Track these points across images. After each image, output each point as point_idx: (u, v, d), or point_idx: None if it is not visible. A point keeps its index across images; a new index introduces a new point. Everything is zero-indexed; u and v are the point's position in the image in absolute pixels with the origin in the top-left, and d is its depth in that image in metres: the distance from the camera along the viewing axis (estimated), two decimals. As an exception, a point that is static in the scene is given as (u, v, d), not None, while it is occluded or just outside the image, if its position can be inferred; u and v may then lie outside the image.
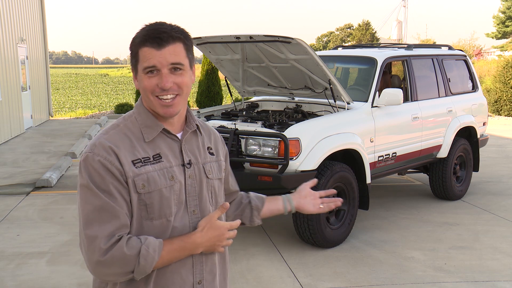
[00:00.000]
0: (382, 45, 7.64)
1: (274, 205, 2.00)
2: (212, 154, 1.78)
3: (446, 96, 6.91)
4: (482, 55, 43.86)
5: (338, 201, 2.08)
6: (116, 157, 1.57)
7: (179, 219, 1.64)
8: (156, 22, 1.62)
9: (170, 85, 1.58)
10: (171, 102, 1.60)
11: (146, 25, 1.62)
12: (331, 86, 5.44)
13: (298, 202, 2.01)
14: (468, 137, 7.37)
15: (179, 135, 1.69)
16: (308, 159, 4.93)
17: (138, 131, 1.64)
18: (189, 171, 1.68)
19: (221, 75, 15.86)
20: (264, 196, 2.02)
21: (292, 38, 5.06)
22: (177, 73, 1.60)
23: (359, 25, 72.39)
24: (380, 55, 6.09)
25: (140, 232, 1.60)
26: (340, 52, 6.95)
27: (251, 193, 2.03)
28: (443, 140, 6.75)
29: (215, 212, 1.64)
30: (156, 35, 1.57)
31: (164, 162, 1.63)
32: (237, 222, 1.69)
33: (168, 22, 1.63)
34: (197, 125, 1.74)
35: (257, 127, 5.22)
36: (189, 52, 1.64)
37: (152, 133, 1.64)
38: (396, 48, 6.92)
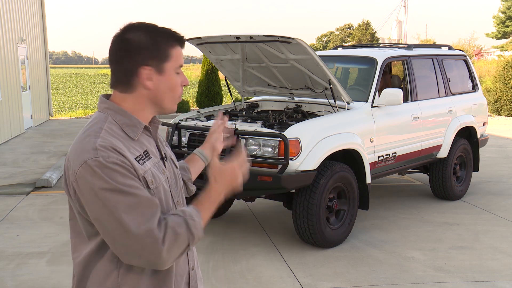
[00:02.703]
0: (382, 45, 7.64)
1: (197, 166, 2.12)
2: (167, 145, 1.86)
3: (446, 96, 6.91)
4: (482, 55, 43.88)
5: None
6: (123, 156, 1.54)
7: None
8: (154, 24, 1.68)
9: None
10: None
11: (160, 26, 1.67)
12: (331, 86, 5.44)
13: (208, 152, 2.15)
14: (468, 137, 7.37)
15: None
16: (308, 159, 4.93)
17: (121, 131, 1.63)
18: (167, 164, 1.74)
19: (221, 75, 15.85)
20: (185, 164, 2.09)
21: (292, 38, 5.06)
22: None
23: (359, 25, 72.40)
24: (380, 55, 6.09)
25: None
26: (340, 52, 6.95)
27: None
28: (443, 140, 6.75)
29: (214, 161, 1.72)
30: (182, 37, 1.68)
31: (153, 157, 1.66)
32: (243, 155, 1.76)
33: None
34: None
35: (257, 127, 5.22)
36: None
37: (137, 131, 1.65)
38: (396, 48, 6.92)
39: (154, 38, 1.61)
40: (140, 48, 1.60)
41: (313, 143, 5.00)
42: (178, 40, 1.66)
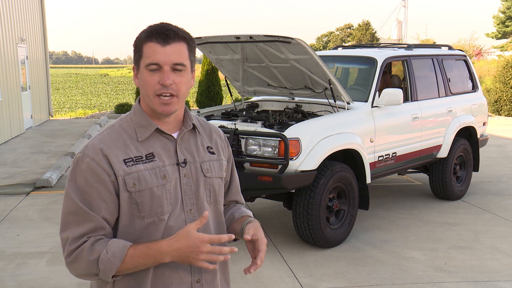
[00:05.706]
0: (382, 45, 7.64)
1: (237, 226, 1.85)
2: (212, 153, 1.78)
3: (446, 96, 6.91)
4: (482, 55, 43.84)
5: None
6: (105, 158, 1.60)
7: (175, 218, 1.64)
8: (162, 22, 1.65)
9: (170, 82, 1.59)
10: (169, 100, 1.61)
11: (152, 24, 1.65)
12: (331, 86, 5.44)
13: (250, 231, 1.73)
14: (468, 137, 7.37)
15: (175, 135, 1.71)
16: (308, 159, 4.93)
17: (133, 130, 1.67)
18: (184, 170, 1.68)
19: (221, 75, 15.85)
20: (235, 216, 1.88)
21: (292, 38, 5.06)
22: (177, 72, 1.61)
23: (359, 25, 72.35)
24: (380, 55, 6.09)
25: (130, 230, 1.62)
26: (340, 52, 6.95)
27: (241, 209, 1.91)
28: (443, 140, 6.75)
29: (194, 223, 1.56)
30: (163, 31, 1.59)
31: (157, 161, 1.65)
32: (224, 236, 1.57)
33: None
34: (193, 124, 1.75)
35: (257, 127, 5.22)
36: (192, 54, 1.65)
37: (146, 132, 1.66)
38: (396, 48, 6.92)
39: (139, 37, 1.64)
40: (133, 48, 1.67)
41: (313, 143, 5.00)
42: (148, 36, 1.60)
